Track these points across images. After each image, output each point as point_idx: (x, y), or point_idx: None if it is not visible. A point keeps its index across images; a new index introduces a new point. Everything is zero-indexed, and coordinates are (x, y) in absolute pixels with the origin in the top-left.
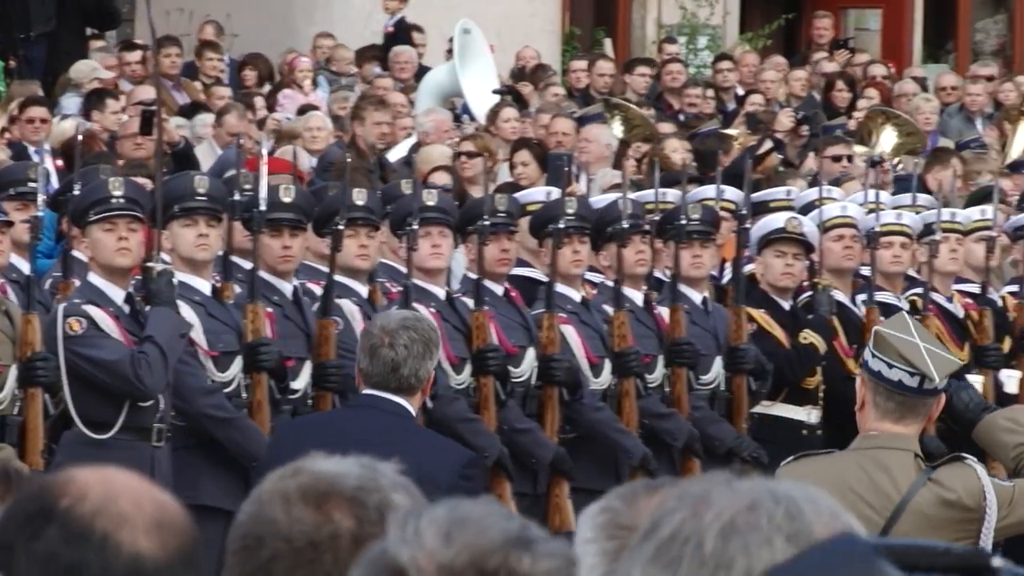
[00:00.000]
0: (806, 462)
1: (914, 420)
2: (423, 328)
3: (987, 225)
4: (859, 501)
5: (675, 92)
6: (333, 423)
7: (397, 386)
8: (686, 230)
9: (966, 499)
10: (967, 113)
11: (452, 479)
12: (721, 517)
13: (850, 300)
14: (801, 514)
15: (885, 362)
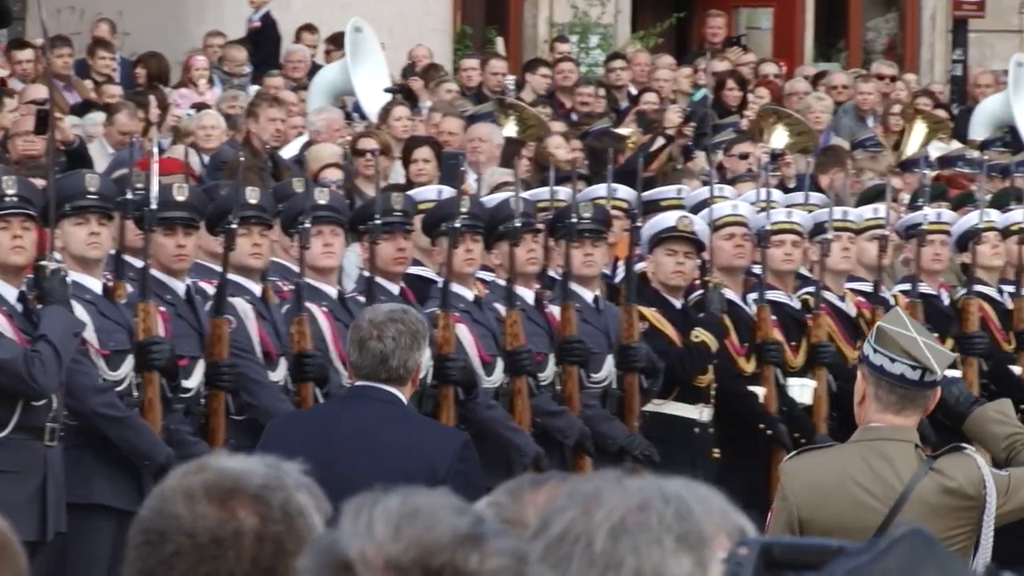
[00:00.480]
0: (808, 455)
1: (914, 412)
2: (410, 320)
3: (879, 224)
4: (862, 491)
5: (567, 91)
6: (328, 415)
7: (387, 377)
8: (577, 229)
9: (967, 487)
10: (859, 112)
11: (452, 463)
12: (611, 517)
13: (741, 298)
14: (691, 514)
15: (888, 357)
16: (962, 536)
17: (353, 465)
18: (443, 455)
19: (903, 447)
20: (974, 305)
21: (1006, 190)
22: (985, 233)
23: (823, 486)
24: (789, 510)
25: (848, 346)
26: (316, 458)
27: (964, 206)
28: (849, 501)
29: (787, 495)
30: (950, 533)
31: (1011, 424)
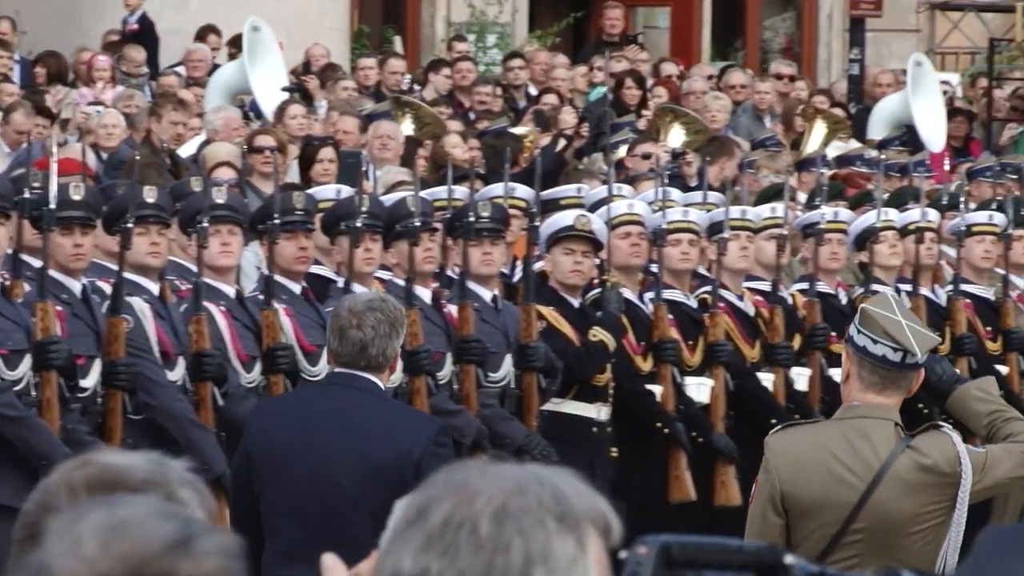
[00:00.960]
0: (792, 431)
1: (896, 392)
2: (388, 309)
3: (778, 223)
4: (841, 467)
5: (465, 90)
6: (309, 401)
7: (366, 364)
8: (476, 228)
9: (943, 465)
10: (756, 111)
11: (427, 447)
12: (492, 502)
13: (638, 297)
14: (566, 496)
15: (870, 338)
16: (938, 512)
17: (333, 449)
18: (419, 440)
19: (883, 425)
20: None
21: (904, 189)
22: (883, 232)
23: (805, 462)
24: (772, 484)
25: (746, 345)
26: (297, 442)
27: (862, 205)
28: (829, 477)
29: (770, 469)
30: (926, 509)
31: (993, 402)
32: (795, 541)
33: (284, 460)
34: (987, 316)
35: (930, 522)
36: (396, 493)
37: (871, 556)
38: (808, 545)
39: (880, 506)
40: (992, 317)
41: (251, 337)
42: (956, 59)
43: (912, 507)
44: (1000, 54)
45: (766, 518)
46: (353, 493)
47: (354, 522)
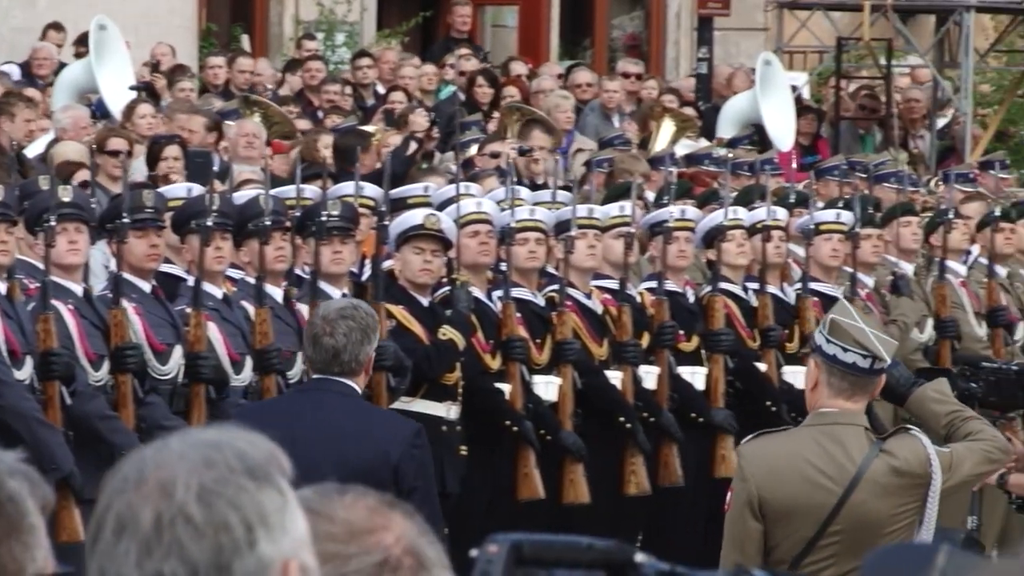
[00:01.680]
0: (765, 438)
1: (863, 397)
2: (360, 316)
3: (625, 221)
4: (817, 472)
5: (314, 89)
6: (288, 405)
7: (340, 370)
8: (326, 226)
9: (915, 466)
10: (604, 110)
11: (404, 449)
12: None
13: (487, 296)
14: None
15: (840, 347)
16: (909, 512)
17: (314, 451)
18: (396, 442)
19: (854, 431)
20: (719, 302)
21: (751, 188)
22: (730, 231)
23: (779, 467)
24: (749, 490)
25: (594, 343)
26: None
27: (709, 203)
28: (804, 481)
29: (746, 476)
30: (899, 510)
31: (950, 403)
32: (772, 544)
33: None
34: None
35: (903, 522)
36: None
37: (847, 557)
38: (785, 547)
39: (857, 509)
40: None
41: (99, 336)
42: (804, 58)
43: (887, 508)
44: (848, 53)
45: (745, 523)
46: None
47: None
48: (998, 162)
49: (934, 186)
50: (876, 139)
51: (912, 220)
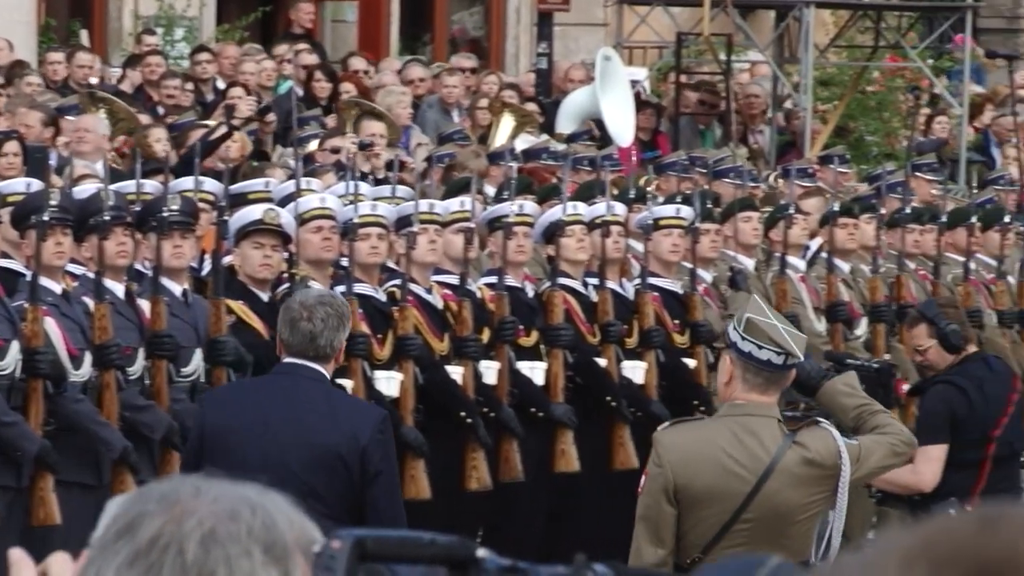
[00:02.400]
0: (681, 427)
1: (776, 391)
2: (337, 304)
3: (466, 216)
4: (732, 462)
5: (154, 84)
6: (260, 388)
7: (315, 355)
8: (167, 221)
9: (825, 458)
10: (444, 105)
11: (372, 434)
12: (203, 525)
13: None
14: (275, 525)
15: (755, 344)
16: (820, 501)
17: (283, 433)
18: (365, 427)
19: (768, 422)
20: (558, 297)
21: (591, 183)
22: (570, 226)
23: (695, 456)
24: (665, 476)
25: (435, 338)
26: (252, 426)
27: (549, 199)
28: (720, 470)
29: (663, 463)
30: (810, 499)
31: (858, 396)
32: (685, 529)
33: (236, 444)
34: (675, 309)
35: (813, 511)
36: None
37: (758, 543)
38: (698, 533)
39: (770, 498)
40: (680, 310)
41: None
42: (644, 53)
43: (798, 498)
44: (688, 48)
45: (660, 508)
46: (302, 475)
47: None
48: (837, 157)
49: (774, 181)
50: (716, 134)
51: (752, 215)
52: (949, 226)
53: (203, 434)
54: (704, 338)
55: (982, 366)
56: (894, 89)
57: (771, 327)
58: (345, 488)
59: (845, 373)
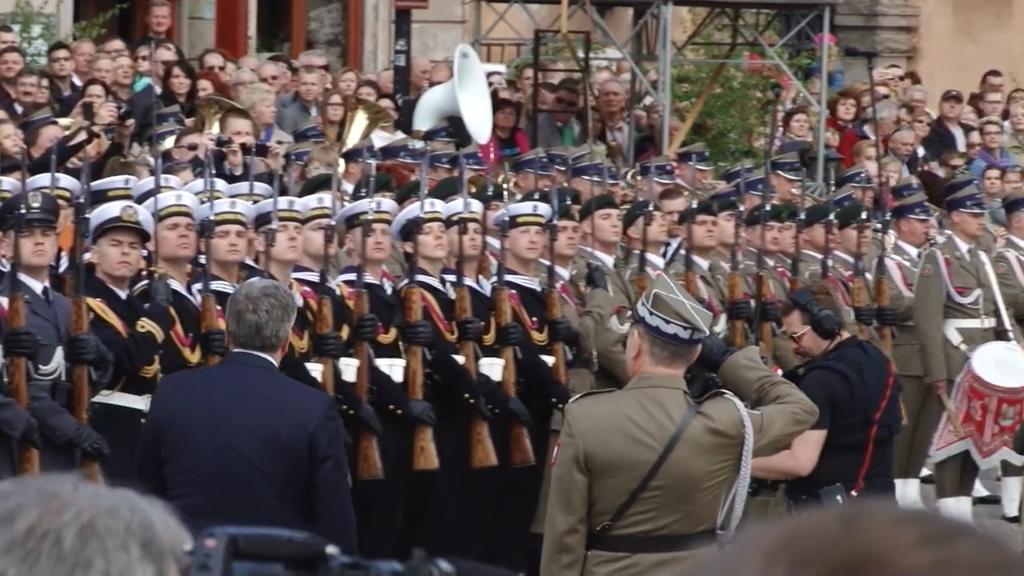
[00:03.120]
0: (592, 399)
1: (682, 364)
2: (281, 295)
3: (325, 213)
4: (639, 431)
5: (10, 81)
6: (210, 377)
7: (261, 345)
8: (27, 219)
9: (729, 428)
10: (302, 102)
11: (320, 420)
12: (81, 517)
13: (186, 289)
14: (153, 524)
15: (663, 319)
16: (725, 469)
17: (234, 419)
18: (313, 413)
19: (674, 394)
20: (416, 294)
21: (449, 180)
22: (428, 224)
23: (605, 426)
24: (576, 446)
25: (295, 336)
26: (201, 412)
27: (408, 196)
28: (628, 439)
29: (573, 433)
30: (715, 467)
31: (760, 369)
32: (595, 496)
33: (189, 429)
34: (533, 306)
35: (719, 478)
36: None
37: (666, 510)
38: (608, 500)
39: (676, 465)
40: (538, 307)
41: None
42: (502, 51)
43: (704, 466)
44: (546, 45)
45: (572, 477)
46: (252, 459)
47: (252, 486)
48: (696, 154)
49: (632, 178)
50: (574, 132)
51: (611, 212)
52: (807, 223)
53: (156, 420)
54: (562, 335)
55: (858, 351)
56: (752, 87)
57: (678, 303)
58: (293, 471)
59: (747, 347)
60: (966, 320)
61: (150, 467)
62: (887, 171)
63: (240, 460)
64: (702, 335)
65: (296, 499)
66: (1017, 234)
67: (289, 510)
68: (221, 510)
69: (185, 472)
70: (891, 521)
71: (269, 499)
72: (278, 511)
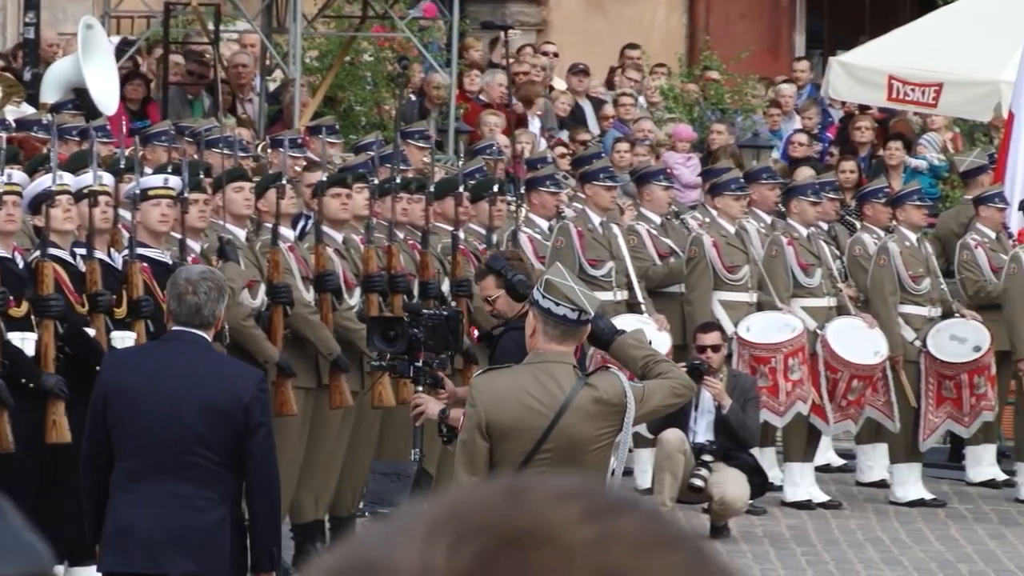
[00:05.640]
0: (493, 373)
1: (573, 342)
2: (217, 278)
3: None
4: (533, 400)
5: None
6: (153, 351)
7: (199, 323)
8: None
9: (612, 397)
10: None
11: (254, 393)
12: None
13: None
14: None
15: (553, 301)
16: (610, 434)
17: (176, 390)
18: (247, 386)
19: (564, 368)
20: (48, 268)
21: (80, 153)
22: (58, 196)
23: (503, 396)
24: (478, 414)
25: None
26: (145, 384)
27: (38, 169)
28: (523, 408)
29: (476, 403)
30: (600, 432)
31: (645, 348)
32: (496, 460)
33: (134, 398)
34: (164, 279)
35: (604, 442)
36: (228, 428)
37: (557, 470)
38: (507, 461)
39: (565, 430)
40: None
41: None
42: (132, 23)
43: (590, 431)
44: (176, 18)
45: (475, 442)
46: (193, 427)
47: (192, 451)
48: (326, 127)
49: (263, 151)
50: (205, 104)
51: (244, 185)
52: (437, 196)
53: (105, 392)
54: None
55: None
56: (382, 60)
57: (568, 288)
58: (230, 438)
59: (635, 329)
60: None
61: (99, 435)
62: (520, 143)
63: (182, 427)
64: (588, 317)
65: (231, 461)
66: (648, 207)
67: (224, 470)
68: (163, 472)
69: (130, 438)
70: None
71: (207, 463)
72: (215, 473)
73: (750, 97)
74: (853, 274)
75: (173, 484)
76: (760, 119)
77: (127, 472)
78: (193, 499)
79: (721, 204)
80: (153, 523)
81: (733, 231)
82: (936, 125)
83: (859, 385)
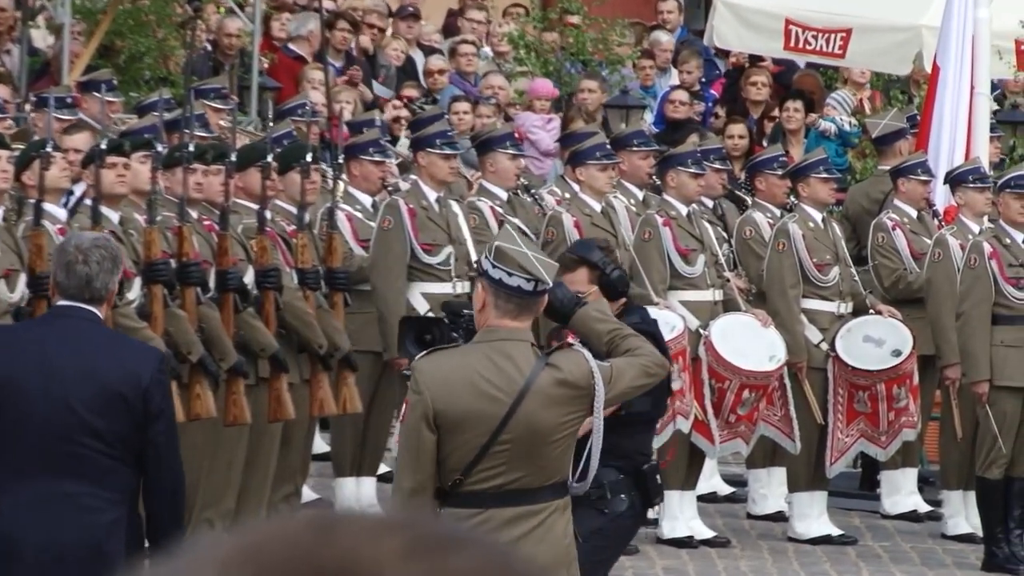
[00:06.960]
0: (439, 354)
1: (529, 316)
2: (111, 247)
3: None
4: (488, 385)
5: None
6: (39, 331)
7: (90, 297)
8: None
9: (579, 379)
10: None
11: (153, 374)
12: None
13: None
14: None
15: (505, 271)
16: (575, 421)
17: (69, 373)
18: (146, 367)
19: (521, 346)
20: None
21: None
22: None
23: (452, 381)
24: (424, 403)
25: None
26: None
27: None
28: (476, 393)
29: (421, 389)
30: (565, 419)
31: (610, 322)
32: (445, 454)
33: (20, 385)
34: None
35: (568, 430)
36: (125, 415)
37: (517, 463)
38: (457, 456)
39: (526, 418)
40: None
41: None
42: None
43: (553, 418)
44: None
45: (420, 434)
46: (85, 415)
47: (83, 443)
48: (104, 83)
49: (27, 112)
50: None
51: (1, 154)
52: (239, 167)
53: None
54: None
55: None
56: (169, 1)
57: (521, 255)
58: (126, 427)
59: (597, 300)
60: (437, 284)
61: None
62: (339, 101)
63: (73, 416)
64: (546, 287)
65: (127, 454)
66: (492, 179)
67: (119, 464)
68: (53, 466)
69: (16, 428)
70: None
71: (100, 455)
72: (109, 466)
73: (616, 47)
74: (744, 261)
75: (60, 482)
76: (630, 72)
77: (10, 469)
78: (84, 497)
79: (584, 176)
80: (43, 535)
81: (599, 209)
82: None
83: (751, 397)
